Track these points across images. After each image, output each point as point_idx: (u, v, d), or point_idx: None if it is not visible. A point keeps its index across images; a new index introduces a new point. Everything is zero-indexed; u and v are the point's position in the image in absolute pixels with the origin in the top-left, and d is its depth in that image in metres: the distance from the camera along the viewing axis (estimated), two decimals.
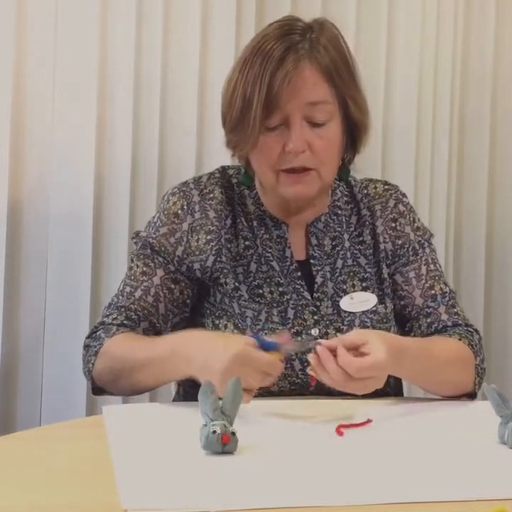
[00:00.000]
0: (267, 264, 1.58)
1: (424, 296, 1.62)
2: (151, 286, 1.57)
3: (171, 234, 1.58)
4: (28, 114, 2.18)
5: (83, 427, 1.32)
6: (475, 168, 2.59)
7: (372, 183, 1.69)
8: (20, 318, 2.19)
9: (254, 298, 1.55)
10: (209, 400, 1.17)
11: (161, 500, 0.99)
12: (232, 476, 1.08)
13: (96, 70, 2.19)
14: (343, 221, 1.64)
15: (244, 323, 1.53)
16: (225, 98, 1.55)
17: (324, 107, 1.51)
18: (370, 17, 2.39)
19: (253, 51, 1.50)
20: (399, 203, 1.67)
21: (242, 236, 1.59)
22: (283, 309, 1.55)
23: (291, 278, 1.58)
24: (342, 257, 1.61)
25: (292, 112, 1.49)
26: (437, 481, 1.08)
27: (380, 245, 1.63)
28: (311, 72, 1.49)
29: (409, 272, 1.63)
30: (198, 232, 1.57)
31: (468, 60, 2.56)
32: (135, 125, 2.24)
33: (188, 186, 1.61)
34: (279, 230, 1.61)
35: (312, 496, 1.02)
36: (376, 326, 1.56)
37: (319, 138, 1.51)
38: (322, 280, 1.59)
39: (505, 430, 1.23)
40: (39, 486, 1.03)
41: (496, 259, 2.62)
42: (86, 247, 2.20)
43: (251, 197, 1.62)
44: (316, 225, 1.62)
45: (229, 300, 1.55)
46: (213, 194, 1.60)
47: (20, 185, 2.18)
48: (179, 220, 1.58)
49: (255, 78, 1.47)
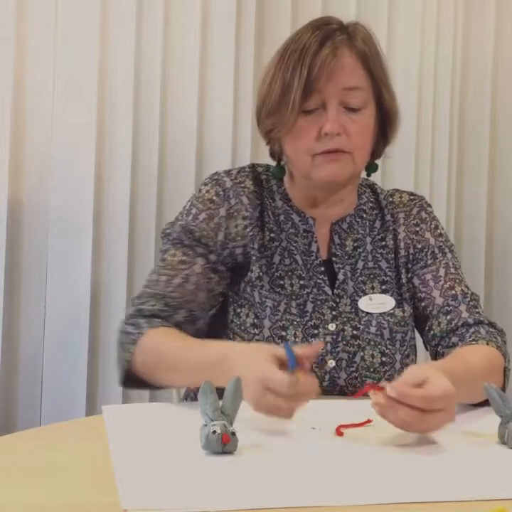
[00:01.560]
0: (290, 257, 1.61)
1: (444, 295, 1.63)
2: (192, 274, 1.57)
3: (210, 219, 1.60)
4: (28, 114, 2.18)
5: (83, 427, 1.32)
6: (475, 167, 2.59)
7: (399, 193, 1.74)
8: (20, 318, 2.19)
9: (275, 288, 1.57)
10: (209, 399, 1.17)
11: (160, 500, 0.99)
12: (232, 476, 1.08)
13: (96, 70, 2.19)
14: (366, 225, 1.67)
15: (264, 312, 1.55)
16: (262, 86, 1.60)
17: (360, 93, 1.56)
18: (370, 17, 2.39)
19: (292, 41, 1.57)
20: (422, 210, 1.71)
21: (268, 228, 1.62)
22: (302, 302, 1.57)
23: (314, 272, 1.60)
24: (363, 258, 1.64)
25: (329, 96, 1.53)
26: (437, 481, 1.08)
27: (400, 251, 1.66)
28: (349, 59, 1.55)
29: (426, 275, 1.65)
30: (235, 218, 1.60)
31: (468, 60, 2.56)
32: (135, 125, 2.24)
33: (220, 175, 1.65)
34: (306, 225, 1.64)
35: (312, 496, 1.02)
36: (393, 329, 1.59)
37: (354, 123, 1.55)
38: (343, 278, 1.61)
39: (505, 430, 1.23)
40: (39, 486, 1.03)
41: (495, 259, 2.62)
42: (86, 247, 2.20)
43: (279, 192, 1.66)
44: (340, 224, 1.65)
45: (251, 289, 1.57)
46: (245, 184, 1.63)
47: (21, 185, 2.18)
48: (215, 206, 1.61)
49: (295, 63, 1.52)
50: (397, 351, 1.58)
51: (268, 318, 1.54)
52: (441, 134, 2.52)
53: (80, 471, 1.09)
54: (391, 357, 1.57)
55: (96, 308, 2.22)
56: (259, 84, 1.63)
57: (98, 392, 2.24)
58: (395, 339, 1.58)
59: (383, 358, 1.56)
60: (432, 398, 1.21)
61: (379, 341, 1.57)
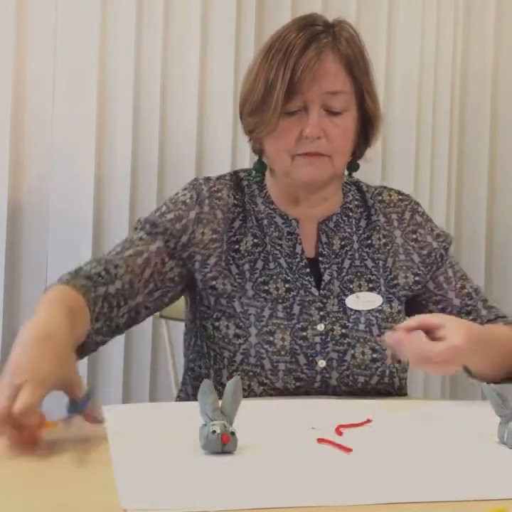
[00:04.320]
0: (274, 261, 1.60)
1: (459, 296, 1.67)
2: (146, 250, 1.55)
3: (178, 220, 1.59)
4: (28, 114, 2.18)
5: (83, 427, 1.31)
6: (475, 167, 2.59)
7: (387, 191, 1.74)
8: (21, 319, 2.19)
9: (259, 294, 1.56)
10: (208, 399, 1.17)
11: (160, 500, 0.99)
12: (231, 476, 1.08)
13: (96, 71, 2.20)
14: (353, 223, 1.67)
15: (248, 321, 1.54)
16: (246, 84, 1.61)
17: (342, 97, 1.56)
18: (370, 17, 2.39)
19: (277, 40, 1.56)
20: (415, 213, 1.72)
21: (252, 233, 1.61)
22: (288, 305, 1.56)
23: (300, 274, 1.60)
24: (350, 257, 1.64)
25: (312, 99, 1.54)
26: (437, 481, 1.08)
27: (399, 255, 1.67)
28: (333, 62, 1.55)
29: (439, 277, 1.68)
30: (204, 226, 1.59)
31: (468, 60, 2.56)
32: (135, 125, 2.24)
33: (198, 181, 1.64)
34: (290, 227, 1.63)
35: (312, 496, 1.02)
36: (381, 325, 1.58)
37: (335, 126, 1.56)
38: (329, 278, 1.61)
39: (505, 430, 1.23)
40: (39, 486, 1.03)
41: (495, 259, 2.62)
42: (86, 247, 2.20)
43: (261, 196, 1.66)
44: (327, 223, 1.66)
45: (227, 301, 1.56)
46: (221, 194, 1.62)
47: (21, 185, 2.19)
48: (186, 207, 1.60)
49: (279, 64, 1.52)
50: (387, 347, 1.56)
51: (254, 326, 1.53)
52: (441, 134, 2.52)
53: (80, 471, 1.09)
54: (382, 353, 1.57)
55: None
56: (243, 80, 1.63)
57: (98, 392, 2.23)
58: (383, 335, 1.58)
59: (374, 355, 1.56)
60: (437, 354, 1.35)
61: (368, 338, 1.57)
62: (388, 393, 1.58)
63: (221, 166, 2.31)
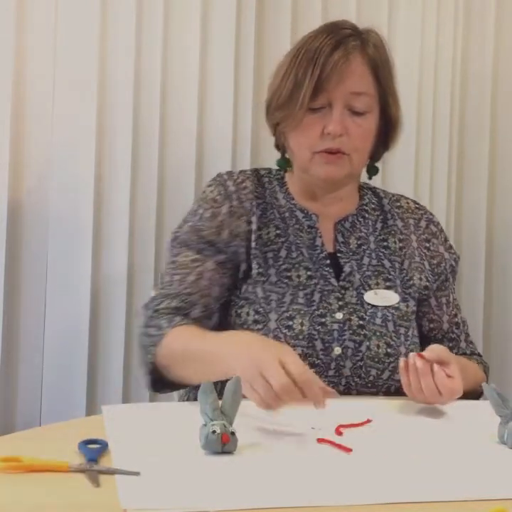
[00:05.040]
0: (297, 250, 1.65)
1: (450, 322, 1.76)
2: (205, 270, 1.62)
3: (214, 217, 1.65)
4: (28, 114, 2.18)
5: (83, 427, 1.32)
6: (475, 168, 2.59)
7: (404, 198, 1.81)
8: (21, 318, 2.19)
9: (282, 280, 1.61)
10: (209, 399, 1.17)
11: (160, 500, 0.99)
12: (231, 476, 1.08)
13: (96, 70, 2.19)
14: (369, 224, 1.73)
15: (269, 306, 1.58)
16: (274, 81, 1.67)
17: (366, 98, 1.63)
18: (370, 17, 2.39)
19: (307, 41, 1.63)
20: (430, 223, 1.78)
21: (274, 225, 1.67)
22: (309, 292, 1.61)
23: (320, 265, 1.64)
24: (368, 255, 1.69)
25: (336, 98, 1.60)
26: (437, 481, 1.08)
27: (415, 257, 1.72)
28: (360, 64, 1.62)
29: (442, 298, 1.75)
30: (238, 218, 1.65)
31: (468, 60, 2.56)
32: (135, 125, 2.24)
33: (222, 177, 1.71)
34: (310, 221, 1.69)
35: (311, 496, 1.02)
36: (397, 322, 1.63)
37: (357, 126, 1.62)
38: (350, 270, 1.66)
39: (505, 430, 1.23)
40: (39, 486, 1.03)
41: (496, 259, 2.62)
42: (86, 246, 2.20)
43: (282, 192, 1.72)
44: (343, 223, 1.71)
45: (252, 286, 1.61)
46: (245, 183, 1.69)
47: (21, 185, 2.18)
48: (218, 204, 1.66)
49: (308, 63, 1.59)
50: (401, 344, 1.61)
51: (274, 311, 1.58)
52: (441, 134, 2.52)
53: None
54: (396, 349, 1.60)
55: (96, 308, 2.22)
56: (271, 77, 1.69)
57: (98, 392, 2.24)
58: (399, 332, 1.62)
59: (388, 349, 1.60)
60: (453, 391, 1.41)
61: (384, 332, 1.60)
62: (396, 391, 1.59)
63: (221, 166, 2.31)
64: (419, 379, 1.40)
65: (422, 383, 1.40)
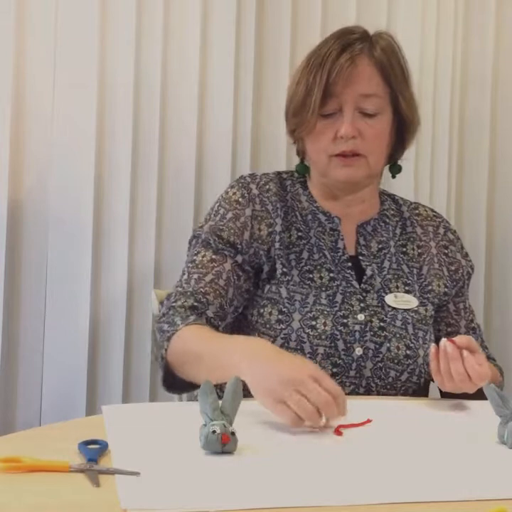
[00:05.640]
0: (319, 252, 1.68)
1: (467, 327, 1.78)
2: (223, 271, 1.64)
3: (237, 218, 1.67)
4: (28, 114, 2.18)
5: (83, 427, 1.32)
6: (475, 167, 2.59)
7: (422, 206, 1.85)
8: (21, 318, 2.19)
9: (304, 281, 1.63)
10: (209, 399, 1.18)
11: (160, 500, 0.99)
12: (231, 476, 1.08)
13: (96, 71, 2.19)
14: (390, 229, 1.76)
15: (293, 306, 1.60)
16: (290, 88, 1.71)
17: (376, 99, 1.65)
18: (370, 17, 2.39)
19: (318, 48, 1.67)
20: (447, 230, 1.82)
21: (296, 228, 1.70)
22: (331, 293, 1.63)
23: (342, 267, 1.67)
24: (388, 259, 1.72)
25: (346, 101, 1.64)
26: (437, 481, 1.08)
27: (434, 264, 1.75)
28: (367, 66, 1.65)
29: (459, 304, 1.79)
30: (259, 222, 1.67)
31: (468, 60, 2.56)
32: (135, 125, 2.24)
33: (245, 180, 1.73)
34: (332, 224, 1.72)
35: (312, 496, 1.02)
36: (416, 325, 1.65)
37: (370, 127, 1.65)
38: (371, 273, 1.68)
39: (505, 430, 1.23)
40: (39, 486, 1.03)
41: (495, 259, 2.62)
42: (86, 247, 2.20)
43: (305, 195, 1.75)
44: (365, 227, 1.74)
45: (276, 287, 1.63)
46: (268, 186, 1.71)
47: (21, 185, 2.18)
48: (241, 206, 1.68)
49: (317, 69, 1.63)
50: (420, 347, 1.64)
51: (298, 311, 1.60)
52: (441, 134, 2.52)
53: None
54: (415, 351, 1.63)
55: (96, 307, 2.22)
56: (288, 85, 1.73)
57: (98, 392, 2.24)
58: (417, 335, 1.65)
59: (408, 351, 1.62)
60: (482, 376, 1.43)
61: (404, 335, 1.63)
62: (414, 393, 1.63)
63: (221, 167, 2.31)
64: (449, 364, 1.43)
65: (451, 368, 1.43)
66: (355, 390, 1.59)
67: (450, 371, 1.43)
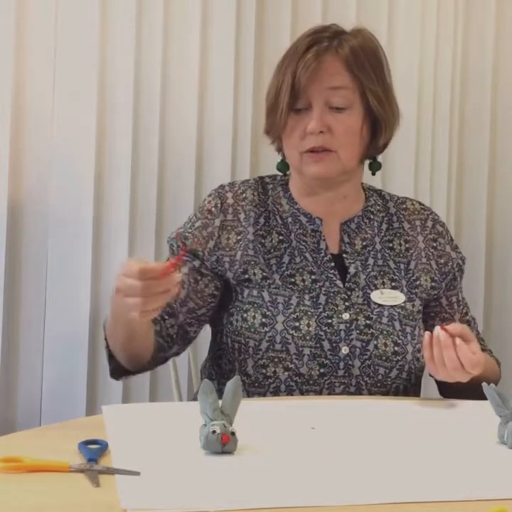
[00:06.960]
0: (300, 255, 1.67)
1: (461, 320, 1.76)
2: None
3: (204, 227, 1.67)
4: (28, 114, 2.18)
5: (83, 427, 1.32)
6: (475, 167, 2.59)
7: (409, 201, 1.82)
8: (20, 318, 2.19)
9: (286, 285, 1.63)
10: (208, 399, 1.18)
11: (160, 500, 0.99)
12: (231, 476, 1.08)
13: (96, 71, 2.19)
14: (374, 225, 1.74)
15: (276, 309, 1.60)
16: (267, 90, 1.71)
17: (344, 92, 1.64)
18: (370, 17, 2.39)
19: (289, 50, 1.67)
20: (436, 223, 1.80)
21: (276, 231, 1.69)
22: (315, 295, 1.62)
23: (325, 268, 1.66)
24: (373, 256, 1.70)
25: (314, 96, 1.63)
26: (437, 481, 1.08)
27: (422, 258, 1.73)
28: (332, 62, 1.63)
29: (452, 297, 1.77)
30: (228, 232, 1.67)
31: (468, 60, 2.56)
32: (135, 125, 2.24)
33: (224, 189, 1.72)
34: (314, 225, 1.70)
35: (312, 496, 1.02)
36: (403, 321, 1.64)
37: (339, 122, 1.64)
38: (355, 271, 1.67)
39: (505, 430, 1.23)
40: (39, 486, 1.03)
41: (495, 259, 2.62)
42: (86, 247, 2.20)
43: (286, 197, 1.73)
44: (349, 224, 1.72)
45: (258, 291, 1.62)
46: (245, 194, 1.70)
47: (20, 185, 2.18)
48: (212, 216, 1.68)
49: (285, 68, 1.64)
50: (408, 343, 1.63)
51: (281, 313, 1.59)
52: (441, 134, 2.52)
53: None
54: (403, 347, 1.62)
55: (96, 307, 2.22)
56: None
57: (98, 392, 2.24)
58: (405, 331, 1.64)
59: (396, 348, 1.61)
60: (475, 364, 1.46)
61: (391, 331, 1.62)
62: (405, 390, 1.63)
63: (221, 166, 2.31)
64: (442, 352, 1.44)
65: (444, 355, 1.44)
66: (345, 390, 1.58)
67: (443, 359, 1.44)
